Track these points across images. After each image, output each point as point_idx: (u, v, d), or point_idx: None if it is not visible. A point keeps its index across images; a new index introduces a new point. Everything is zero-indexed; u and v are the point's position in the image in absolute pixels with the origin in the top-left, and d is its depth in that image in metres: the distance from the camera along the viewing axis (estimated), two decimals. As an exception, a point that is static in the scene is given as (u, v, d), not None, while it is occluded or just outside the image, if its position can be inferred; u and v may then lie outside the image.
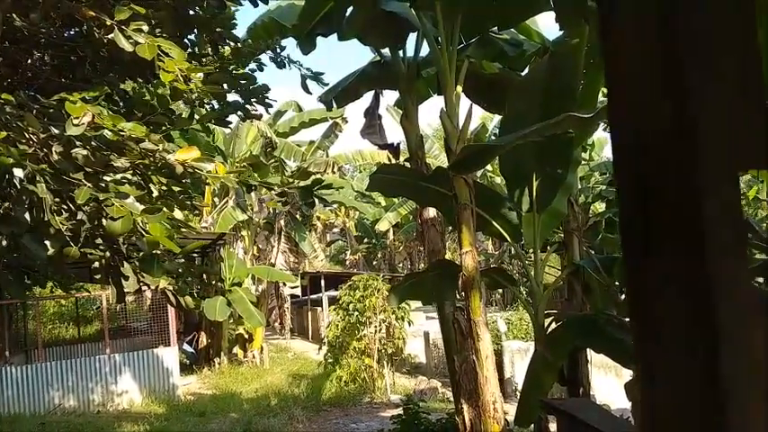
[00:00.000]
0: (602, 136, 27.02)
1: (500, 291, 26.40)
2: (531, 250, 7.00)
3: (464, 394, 6.64)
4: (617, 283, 6.83)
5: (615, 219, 10.80)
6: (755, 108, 0.61)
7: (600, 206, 23.31)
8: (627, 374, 12.28)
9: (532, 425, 6.73)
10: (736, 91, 0.60)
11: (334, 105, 8.25)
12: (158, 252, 4.12)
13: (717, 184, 0.57)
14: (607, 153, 34.63)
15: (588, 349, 7.50)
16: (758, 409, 0.55)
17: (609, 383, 12.17)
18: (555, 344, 6.33)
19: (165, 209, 4.14)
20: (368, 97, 8.61)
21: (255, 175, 6.84)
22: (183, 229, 5.24)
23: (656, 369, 0.61)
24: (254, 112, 5.55)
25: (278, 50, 5.18)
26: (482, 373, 6.16)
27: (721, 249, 0.56)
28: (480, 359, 6.19)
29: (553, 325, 6.79)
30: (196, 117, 5.29)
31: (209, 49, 5.22)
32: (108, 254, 4.30)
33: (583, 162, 16.93)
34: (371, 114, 8.58)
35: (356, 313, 14.98)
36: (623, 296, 7.18)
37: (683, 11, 0.59)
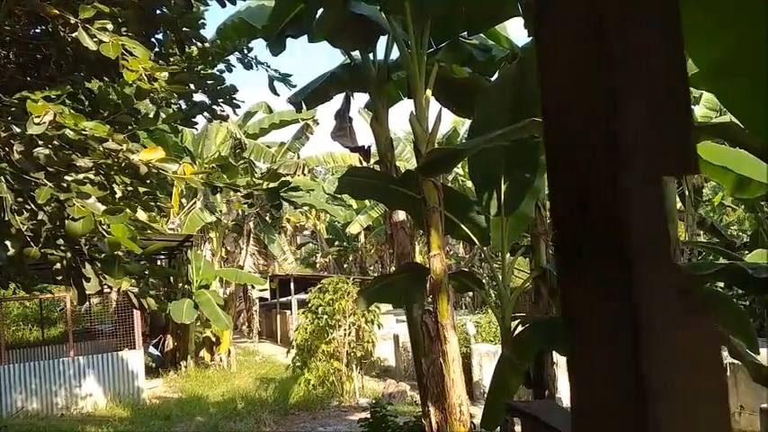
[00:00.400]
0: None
1: (470, 294, 26.54)
2: (499, 254, 7.05)
3: (431, 397, 6.65)
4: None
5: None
6: (681, 115, 0.62)
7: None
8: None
9: (498, 427, 6.77)
10: (662, 99, 0.61)
11: (304, 107, 8.22)
12: (120, 253, 4.06)
13: (642, 189, 0.58)
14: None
15: (554, 352, 7.58)
16: (681, 408, 0.56)
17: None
18: (521, 346, 6.37)
19: (127, 210, 4.08)
20: (338, 99, 8.61)
21: (224, 176, 6.79)
22: (147, 231, 5.18)
23: (584, 369, 0.61)
24: (221, 113, 5.51)
25: (245, 51, 5.14)
26: (449, 375, 6.18)
27: (645, 252, 0.57)
28: (447, 362, 6.21)
29: (520, 328, 6.84)
30: (163, 116, 5.23)
31: (176, 48, 5.16)
32: (69, 255, 4.22)
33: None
34: (342, 117, 8.58)
35: (325, 316, 14.92)
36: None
37: (614, 24, 0.60)
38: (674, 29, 0.63)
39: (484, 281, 11.95)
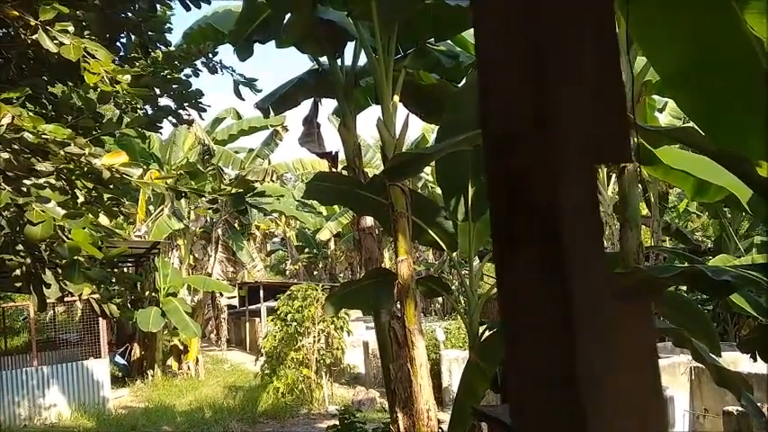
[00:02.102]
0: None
1: (440, 299, 26.61)
2: (467, 259, 7.09)
3: (399, 403, 6.64)
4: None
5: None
6: (614, 103, 0.63)
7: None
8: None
9: (466, 432, 6.79)
10: (595, 88, 0.62)
11: (272, 113, 8.19)
12: (81, 259, 3.99)
13: (573, 176, 0.59)
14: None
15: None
16: (611, 393, 0.57)
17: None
18: (488, 351, 6.40)
19: (89, 215, 4.02)
20: (307, 105, 8.59)
21: (192, 182, 6.72)
22: (112, 237, 5.10)
23: (518, 355, 0.62)
24: (187, 118, 5.46)
25: (210, 55, 5.11)
26: (416, 381, 6.18)
27: (575, 239, 0.58)
28: (415, 367, 6.21)
29: (487, 333, 6.87)
30: (127, 120, 5.17)
31: (140, 52, 5.11)
32: (29, 260, 4.14)
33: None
34: (310, 122, 8.56)
35: (294, 324, 14.83)
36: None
37: (547, 16, 0.61)
38: (607, 17, 0.64)
39: (453, 286, 11.99)
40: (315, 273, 36.58)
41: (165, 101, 5.42)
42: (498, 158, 0.63)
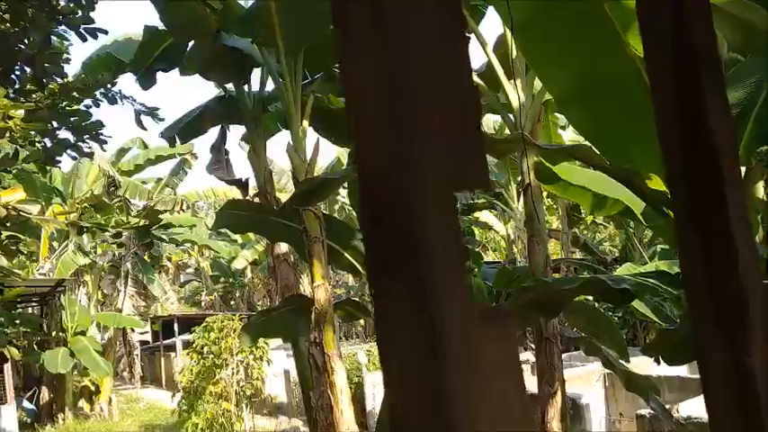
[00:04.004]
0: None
1: (362, 322, 26.55)
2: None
3: (321, 430, 6.56)
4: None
5: (468, 247, 11.20)
6: (471, 131, 0.65)
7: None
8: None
9: (390, 455, 6.77)
10: (452, 116, 0.64)
11: (178, 141, 8.01)
12: (-26, 303, 3.75)
13: (435, 204, 0.61)
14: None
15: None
16: (476, 409, 0.59)
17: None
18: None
19: (-18, 256, 3.80)
20: (215, 132, 8.46)
21: (97, 215, 6.46)
22: (9, 277, 4.84)
23: (392, 376, 0.63)
24: (87, 150, 5.27)
25: (108, 85, 4.96)
26: (337, 407, 6.13)
27: (440, 266, 0.60)
28: (335, 393, 6.16)
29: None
30: (25, 154, 4.94)
31: (35, 85, 4.90)
32: None
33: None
34: (218, 150, 8.43)
35: (211, 356, 14.43)
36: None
37: (404, 51, 0.63)
38: (460, 38, 0.67)
39: (371, 309, 11.99)
40: (232, 302, 35.79)
41: (64, 133, 5.23)
42: (367, 189, 0.64)
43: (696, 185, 0.84)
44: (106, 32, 4.89)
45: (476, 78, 5.48)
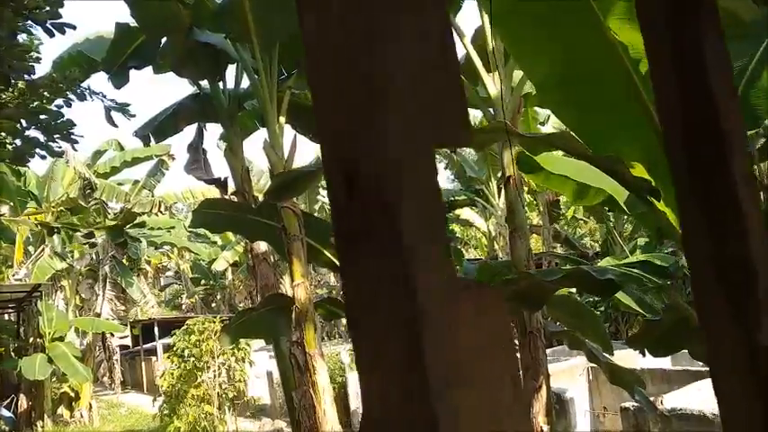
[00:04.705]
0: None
1: (344, 322, 26.42)
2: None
3: (304, 431, 6.46)
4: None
5: (449, 245, 11.15)
6: (450, 84, 0.58)
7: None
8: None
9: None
10: (429, 67, 0.57)
11: (152, 140, 7.86)
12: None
13: (412, 161, 0.54)
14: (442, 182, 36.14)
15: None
16: (462, 394, 0.51)
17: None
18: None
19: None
20: (191, 131, 8.32)
21: (73, 218, 6.27)
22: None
23: (368, 365, 0.55)
24: (57, 150, 5.13)
25: (78, 82, 4.82)
26: (320, 407, 6.03)
27: (419, 236, 0.52)
28: (318, 393, 6.07)
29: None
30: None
31: (2, 83, 4.76)
32: None
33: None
34: (195, 149, 8.29)
35: (192, 359, 14.25)
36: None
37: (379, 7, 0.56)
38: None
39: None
40: (213, 305, 35.49)
41: (34, 133, 5.08)
42: (331, 150, 0.57)
43: (697, 154, 0.77)
44: (74, 27, 4.76)
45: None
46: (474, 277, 7.05)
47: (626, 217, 15.92)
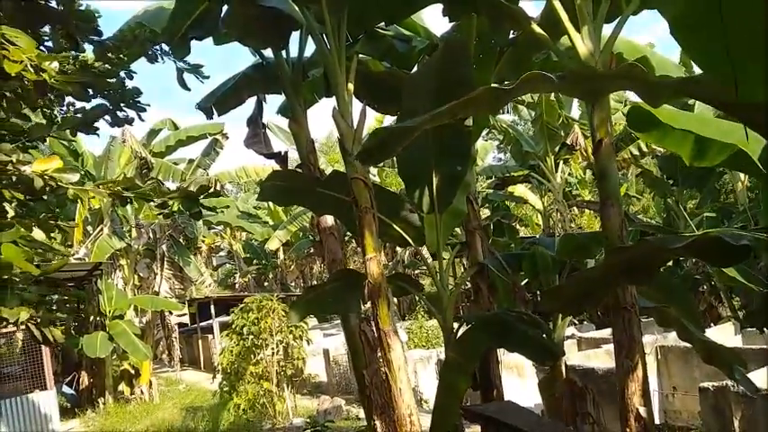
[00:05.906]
0: (485, 143, 27.66)
1: (395, 300, 26.27)
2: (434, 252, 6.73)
3: (376, 409, 6.22)
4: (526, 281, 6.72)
5: (503, 221, 10.80)
6: None
7: (485, 211, 23.74)
8: (530, 373, 12.31)
9: (450, 434, 6.42)
10: None
11: (215, 113, 7.67)
12: (15, 278, 3.45)
13: None
14: (489, 160, 35.56)
15: (498, 350, 7.29)
16: None
17: (513, 383, 12.09)
18: (466, 347, 6.06)
19: (21, 228, 3.49)
20: (250, 105, 8.10)
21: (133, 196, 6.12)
22: (49, 253, 4.55)
23: None
24: (125, 118, 4.93)
25: (149, 44, 4.60)
26: (395, 385, 5.76)
27: None
28: (393, 371, 5.80)
29: (463, 328, 6.53)
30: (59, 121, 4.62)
31: (68, 44, 4.55)
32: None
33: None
34: (255, 123, 8.06)
35: (251, 336, 14.26)
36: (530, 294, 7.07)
37: None
38: None
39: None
40: (265, 284, 35.80)
41: (98, 101, 4.89)
42: None
43: None
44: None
45: (535, 27, 5.02)
46: (556, 251, 6.68)
47: (745, 176, 15.28)
